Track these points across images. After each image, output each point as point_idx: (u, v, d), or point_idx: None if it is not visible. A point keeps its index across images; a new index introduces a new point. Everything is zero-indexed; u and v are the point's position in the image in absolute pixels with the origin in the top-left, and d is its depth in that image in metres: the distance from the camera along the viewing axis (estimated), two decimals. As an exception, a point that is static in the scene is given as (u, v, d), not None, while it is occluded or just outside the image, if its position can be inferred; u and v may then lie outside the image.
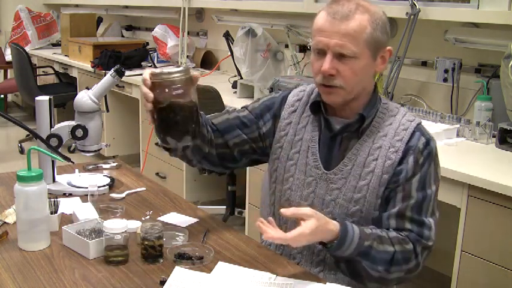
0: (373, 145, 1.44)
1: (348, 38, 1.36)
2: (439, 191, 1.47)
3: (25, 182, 1.42)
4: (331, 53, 1.38)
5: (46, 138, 1.83)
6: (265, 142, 1.60)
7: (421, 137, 1.43)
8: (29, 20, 5.87)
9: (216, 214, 3.34)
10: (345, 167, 1.46)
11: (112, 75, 1.93)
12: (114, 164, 2.16)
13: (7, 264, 1.38)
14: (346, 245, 1.35)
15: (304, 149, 1.52)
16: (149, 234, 1.40)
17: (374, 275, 1.40)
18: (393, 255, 1.39)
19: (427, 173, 1.42)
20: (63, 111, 5.14)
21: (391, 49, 1.47)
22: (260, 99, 1.65)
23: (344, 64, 1.39)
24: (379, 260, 1.38)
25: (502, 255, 1.87)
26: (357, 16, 1.37)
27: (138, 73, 4.17)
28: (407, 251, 1.40)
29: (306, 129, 1.53)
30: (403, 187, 1.41)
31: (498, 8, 2.38)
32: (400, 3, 2.80)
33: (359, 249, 1.36)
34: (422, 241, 1.41)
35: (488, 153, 2.24)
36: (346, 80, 1.40)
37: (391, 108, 1.50)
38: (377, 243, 1.38)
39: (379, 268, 1.39)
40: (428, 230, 1.42)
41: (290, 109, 1.57)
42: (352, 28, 1.36)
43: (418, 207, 1.42)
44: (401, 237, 1.41)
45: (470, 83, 2.65)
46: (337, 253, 1.37)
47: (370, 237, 1.38)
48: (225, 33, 3.67)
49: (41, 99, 1.87)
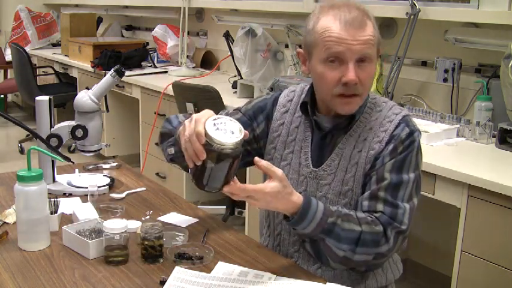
0: (359, 138, 1.45)
1: (368, 45, 1.38)
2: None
3: (25, 182, 1.42)
4: (354, 61, 1.38)
5: (46, 138, 1.83)
6: (259, 143, 1.61)
7: (406, 127, 1.43)
8: (29, 20, 5.87)
9: (216, 214, 3.34)
10: (332, 162, 1.47)
11: (112, 75, 1.93)
12: (114, 164, 2.16)
13: (7, 264, 1.38)
14: (307, 220, 1.33)
15: (297, 149, 1.53)
16: (149, 234, 1.40)
17: (338, 253, 1.36)
18: (360, 234, 1.35)
19: (405, 159, 1.40)
20: (63, 111, 5.15)
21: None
22: (253, 101, 1.65)
23: (362, 70, 1.39)
24: (344, 238, 1.35)
25: (502, 255, 1.87)
26: (367, 21, 1.38)
27: (138, 73, 4.18)
28: (376, 232, 1.36)
29: (299, 129, 1.54)
30: (377, 171, 1.41)
31: (498, 8, 2.38)
32: (400, 3, 2.80)
33: (322, 225, 1.34)
34: (395, 224, 1.37)
35: (488, 153, 2.24)
36: (365, 86, 1.41)
37: (378, 103, 1.49)
38: (342, 221, 1.35)
39: (343, 247, 1.35)
40: (402, 214, 1.38)
41: (282, 110, 1.58)
42: (369, 33, 1.38)
43: (392, 190, 1.39)
44: (371, 218, 1.37)
45: (470, 83, 2.65)
46: (299, 228, 1.35)
47: (334, 214, 1.36)
48: (225, 33, 3.67)
49: (41, 99, 1.87)
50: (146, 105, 3.94)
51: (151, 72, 4.25)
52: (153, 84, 3.80)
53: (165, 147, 1.59)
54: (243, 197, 1.30)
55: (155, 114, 3.73)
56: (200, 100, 3.10)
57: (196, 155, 1.25)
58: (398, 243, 1.40)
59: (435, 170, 2.03)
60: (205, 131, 1.25)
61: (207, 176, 1.27)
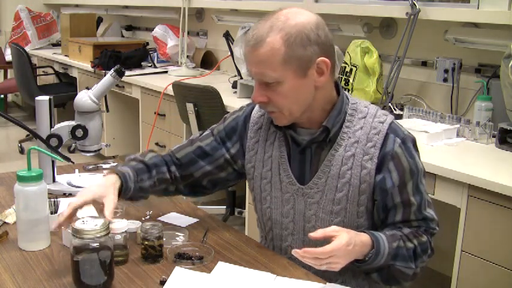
0: (345, 154, 1.39)
1: (262, 65, 1.31)
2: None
3: (25, 182, 1.42)
4: (257, 81, 1.36)
5: (46, 138, 1.83)
6: (237, 163, 1.57)
7: (396, 138, 1.38)
8: (29, 20, 5.87)
9: (216, 214, 3.34)
10: (319, 180, 1.42)
11: (112, 75, 1.93)
12: (114, 164, 2.15)
13: (7, 264, 1.38)
14: (381, 253, 1.34)
15: (275, 166, 1.48)
16: (149, 234, 1.40)
17: (409, 273, 1.40)
18: (415, 249, 1.40)
19: (415, 173, 1.41)
20: (63, 111, 5.15)
21: (326, 60, 1.33)
22: (226, 119, 1.60)
23: (272, 90, 1.34)
24: (408, 257, 1.39)
25: (502, 255, 1.87)
26: (268, 39, 1.29)
27: (138, 73, 4.18)
28: (424, 242, 1.42)
29: (274, 145, 1.49)
30: (400, 196, 1.40)
31: (498, 8, 2.38)
32: (400, 3, 2.80)
33: (391, 252, 1.35)
34: (431, 231, 1.44)
35: (488, 153, 2.23)
36: (278, 105, 1.36)
37: (360, 109, 1.42)
38: (402, 242, 1.38)
39: (411, 265, 1.39)
40: (431, 219, 1.44)
41: (255, 127, 1.53)
42: (265, 54, 1.29)
43: (418, 209, 1.42)
44: (415, 231, 1.42)
45: (470, 83, 2.65)
46: (375, 263, 1.35)
47: (395, 238, 1.38)
48: (225, 33, 3.67)
49: (41, 99, 1.87)
50: (146, 105, 3.94)
51: (151, 72, 4.25)
52: (153, 84, 3.80)
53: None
54: (326, 260, 1.26)
55: (155, 114, 3.73)
56: (200, 100, 3.10)
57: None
58: (432, 243, 1.46)
59: (435, 170, 2.03)
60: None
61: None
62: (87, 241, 1.24)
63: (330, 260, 1.26)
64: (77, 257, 1.25)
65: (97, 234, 1.24)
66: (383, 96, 2.84)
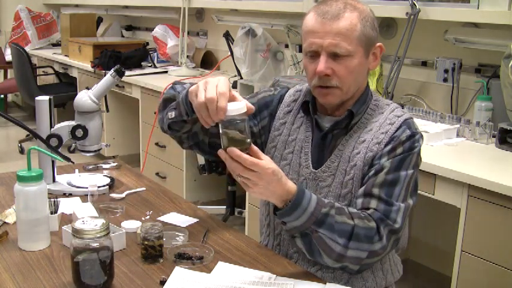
0: (358, 139, 1.44)
1: (341, 37, 1.37)
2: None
3: (25, 182, 1.42)
4: (325, 53, 1.38)
5: (46, 138, 1.83)
6: (260, 138, 1.59)
7: (407, 130, 1.41)
8: (29, 20, 5.87)
9: (216, 214, 3.34)
10: (332, 164, 1.46)
11: (112, 75, 1.93)
12: (114, 164, 2.16)
13: (7, 264, 1.38)
14: (302, 208, 1.28)
15: (297, 149, 1.52)
16: (149, 234, 1.40)
17: (334, 248, 1.31)
18: (352, 228, 1.31)
19: (403, 159, 1.38)
20: (63, 111, 5.15)
21: (382, 45, 1.46)
22: (259, 94, 1.63)
23: (339, 63, 1.39)
24: (337, 230, 1.30)
25: (502, 255, 1.87)
26: (346, 15, 1.37)
27: (138, 73, 4.18)
28: (369, 228, 1.32)
29: (300, 129, 1.53)
30: (374, 170, 1.38)
31: (498, 8, 2.38)
32: (400, 3, 2.80)
33: (316, 215, 1.29)
34: (388, 221, 1.34)
35: (488, 153, 2.24)
36: (342, 80, 1.40)
37: (381, 105, 1.49)
38: (335, 213, 1.31)
39: (337, 239, 1.30)
40: (396, 212, 1.35)
41: (286, 109, 1.57)
42: (344, 27, 1.37)
43: (387, 187, 1.36)
44: (363, 214, 1.34)
45: (470, 83, 2.65)
46: (292, 218, 1.29)
47: (327, 205, 1.32)
48: (225, 33, 3.67)
49: (41, 99, 1.87)
50: (146, 105, 3.94)
51: (151, 72, 4.26)
52: (153, 84, 3.80)
53: (166, 112, 1.52)
54: (247, 172, 1.22)
55: (155, 114, 3.72)
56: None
57: (212, 115, 1.24)
58: (391, 243, 1.36)
59: (435, 170, 2.03)
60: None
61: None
62: (87, 241, 1.24)
63: (251, 174, 1.22)
64: (77, 257, 1.25)
65: (97, 234, 1.24)
66: (383, 96, 2.84)
